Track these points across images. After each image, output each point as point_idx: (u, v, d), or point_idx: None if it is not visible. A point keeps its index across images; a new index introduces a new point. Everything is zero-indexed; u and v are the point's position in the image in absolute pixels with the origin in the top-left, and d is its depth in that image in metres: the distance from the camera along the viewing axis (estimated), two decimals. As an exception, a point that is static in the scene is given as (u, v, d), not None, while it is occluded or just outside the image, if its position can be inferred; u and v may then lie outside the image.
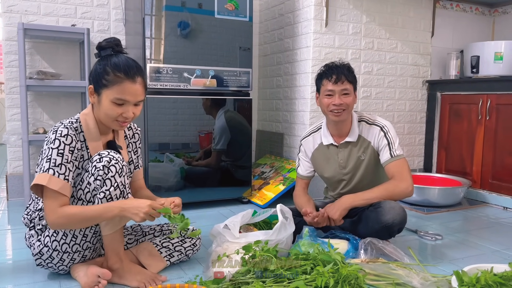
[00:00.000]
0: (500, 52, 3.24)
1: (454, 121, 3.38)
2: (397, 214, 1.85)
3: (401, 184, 1.92)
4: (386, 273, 1.61)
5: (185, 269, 1.78)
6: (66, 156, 1.50)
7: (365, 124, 2.06)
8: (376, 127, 2.03)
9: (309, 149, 2.18)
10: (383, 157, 2.00)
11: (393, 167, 1.96)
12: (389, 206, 1.87)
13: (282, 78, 3.34)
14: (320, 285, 1.35)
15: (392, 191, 1.91)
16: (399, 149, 1.99)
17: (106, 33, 3.10)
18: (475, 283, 1.34)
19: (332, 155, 2.10)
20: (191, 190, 2.78)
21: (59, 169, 1.48)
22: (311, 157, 2.18)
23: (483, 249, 2.13)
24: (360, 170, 2.06)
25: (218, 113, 2.80)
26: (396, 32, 3.33)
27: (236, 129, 2.86)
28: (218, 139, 2.81)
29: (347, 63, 2.02)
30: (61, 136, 1.51)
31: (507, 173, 2.97)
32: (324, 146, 2.12)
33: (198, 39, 2.68)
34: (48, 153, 1.49)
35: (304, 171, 2.20)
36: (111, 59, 1.55)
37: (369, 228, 1.90)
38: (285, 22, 3.28)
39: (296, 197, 2.16)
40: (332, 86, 1.95)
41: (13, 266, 1.82)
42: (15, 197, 2.97)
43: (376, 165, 2.06)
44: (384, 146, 1.99)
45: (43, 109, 3.03)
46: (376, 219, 1.87)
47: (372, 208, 1.92)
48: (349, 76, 1.96)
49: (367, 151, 2.04)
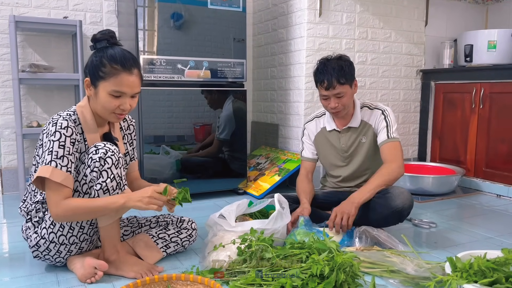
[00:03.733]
0: (493, 41, 3.25)
1: (448, 110, 3.40)
2: (406, 198, 1.89)
3: (392, 164, 1.96)
4: (380, 260, 1.63)
5: (181, 260, 1.79)
6: (68, 147, 1.50)
7: (367, 109, 2.13)
8: (377, 111, 2.10)
9: (312, 132, 2.23)
10: (380, 137, 2.05)
11: (387, 148, 2.00)
12: (398, 191, 1.90)
13: (277, 69, 3.33)
14: (315, 273, 1.37)
15: (388, 174, 1.94)
16: (396, 132, 2.04)
17: (99, 25, 3.08)
18: (468, 268, 1.35)
19: (334, 139, 2.15)
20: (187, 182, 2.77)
21: (61, 161, 1.47)
22: (314, 140, 2.22)
23: (476, 236, 2.15)
24: (361, 154, 2.11)
25: (226, 102, 2.80)
26: (390, 21, 3.33)
27: (241, 120, 2.88)
28: (223, 128, 2.81)
29: (342, 58, 2.01)
30: (61, 128, 1.50)
31: (500, 161, 3.00)
32: (327, 131, 2.17)
33: (191, 30, 2.67)
34: (49, 145, 1.48)
35: (309, 154, 2.23)
36: (107, 51, 1.55)
37: (378, 214, 1.91)
38: (278, 12, 3.27)
39: (299, 181, 2.18)
40: (325, 92, 1.99)
41: (10, 259, 1.83)
42: (10, 191, 2.96)
43: (376, 149, 2.10)
44: (383, 128, 2.05)
45: (37, 102, 3.01)
46: (386, 205, 1.88)
47: (380, 195, 1.93)
48: (342, 78, 1.96)
49: (368, 134, 2.10)
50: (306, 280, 1.37)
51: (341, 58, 2.02)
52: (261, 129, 3.58)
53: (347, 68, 1.99)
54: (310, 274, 1.38)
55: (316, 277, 1.37)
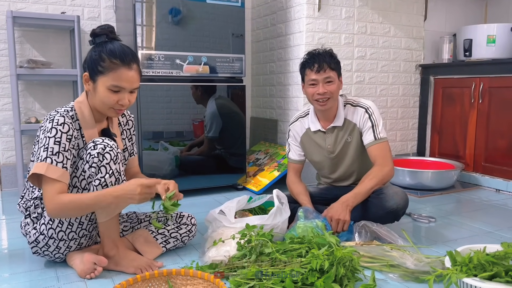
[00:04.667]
0: (492, 35, 3.24)
1: (447, 105, 3.40)
2: (401, 198, 1.88)
3: (384, 168, 1.94)
4: (380, 255, 1.63)
5: (181, 255, 1.79)
6: (64, 144, 1.49)
7: (350, 106, 2.06)
8: (360, 109, 2.04)
9: (297, 133, 2.17)
10: (367, 138, 2.01)
11: (376, 149, 1.98)
12: (392, 191, 1.89)
13: (276, 64, 3.32)
14: (315, 268, 1.37)
15: (381, 176, 1.93)
16: (383, 131, 2.01)
17: (97, 21, 3.06)
18: (468, 262, 1.35)
19: (320, 140, 2.10)
20: (186, 178, 2.78)
21: (57, 158, 1.47)
22: (300, 141, 2.17)
23: (476, 230, 2.15)
24: (349, 154, 2.07)
25: (209, 100, 2.79)
26: (389, 16, 3.31)
27: (228, 116, 2.85)
28: (210, 126, 2.80)
29: (330, 49, 2.00)
30: (57, 125, 1.49)
31: (499, 156, 3.00)
32: (312, 131, 2.12)
33: (190, 25, 2.66)
34: (45, 142, 1.47)
35: (296, 156, 2.19)
36: (106, 46, 1.54)
37: (372, 214, 1.91)
38: (277, 7, 3.26)
39: (290, 183, 2.15)
40: (315, 75, 1.94)
41: (9, 255, 1.82)
42: (8, 187, 2.96)
43: (363, 148, 2.06)
44: (368, 128, 2.00)
45: (35, 98, 3.00)
46: (381, 206, 1.88)
47: (375, 195, 1.92)
48: (332, 63, 1.94)
49: (353, 133, 2.05)
50: (306, 274, 1.37)
51: (330, 50, 2.02)
52: (260, 124, 3.58)
53: (336, 57, 1.99)
54: (310, 269, 1.38)
55: (316, 271, 1.37)
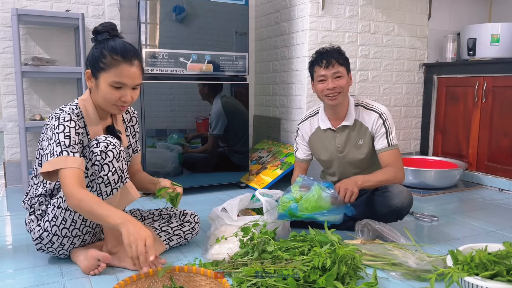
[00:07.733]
0: (496, 34, 3.23)
1: (451, 104, 3.39)
2: (405, 197, 1.88)
3: (399, 173, 1.97)
4: (382, 253, 1.64)
5: (184, 252, 1.80)
6: (74, 138, 1.50)
7: (363, 109, 2.06)
8: (374, 113, 2.03)
9: (306, 133, 2.18)
10: (380, 143, 2.01)
11: (390, 155, 1.99)
12: (398, 190, 1.90)
13: (279, 62, 3.32)
14: (317, 265, 1.37)
15: (393, 176, 1.95)
16: (395, 138, 2.02)
17: (101, 18, 3.07)
18: (470, 261, 1.36)
19: (329, 139, 2.11)
20: (189, 176, 2.79)
21: (72, 149, 1.47)
22: (308, 141, 2.18)
23: (478, 229, 2.15)
24: (357, 156, 2.07)
25: (215, 98, 2.80)
26: (392, 14, 3.31)
27: (233, 114, 2.86)
28: (215, 124, 2.81)
29: (338, 46, 2.02)
30: (64, 121, 1.50)
31: (502, 155, 2.99)
32: (322, 130, 2.12)
33: (193, 23, 2.66)
34: (55, 138, 1.48)
35: (303, 155, 2.21)
36: (108, 43, 1.55)
37: (376, 212, 1.92)
38: (281, 5, 3.26)
39: None
40: (324, 71, 1.95)
41: (14, 251, 1.84)
42: (13, 184, 2.98)
43: (373, 153, 2.06)
44: (382, 134, 2.01)
45: (39, 96, 3.02)
46: (385, 203, 1.89)
47: (380, 193, 1.93)
48: (340, 58, 1.97)
49: (365, 137, 2.05)
50: (308, 272, 1.37)
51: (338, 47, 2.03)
52: (263, 122, 3.58)
53: (344, 54, 2.01)
54: (312, 267, 1.38)
55: (318, 269, 1.38)
